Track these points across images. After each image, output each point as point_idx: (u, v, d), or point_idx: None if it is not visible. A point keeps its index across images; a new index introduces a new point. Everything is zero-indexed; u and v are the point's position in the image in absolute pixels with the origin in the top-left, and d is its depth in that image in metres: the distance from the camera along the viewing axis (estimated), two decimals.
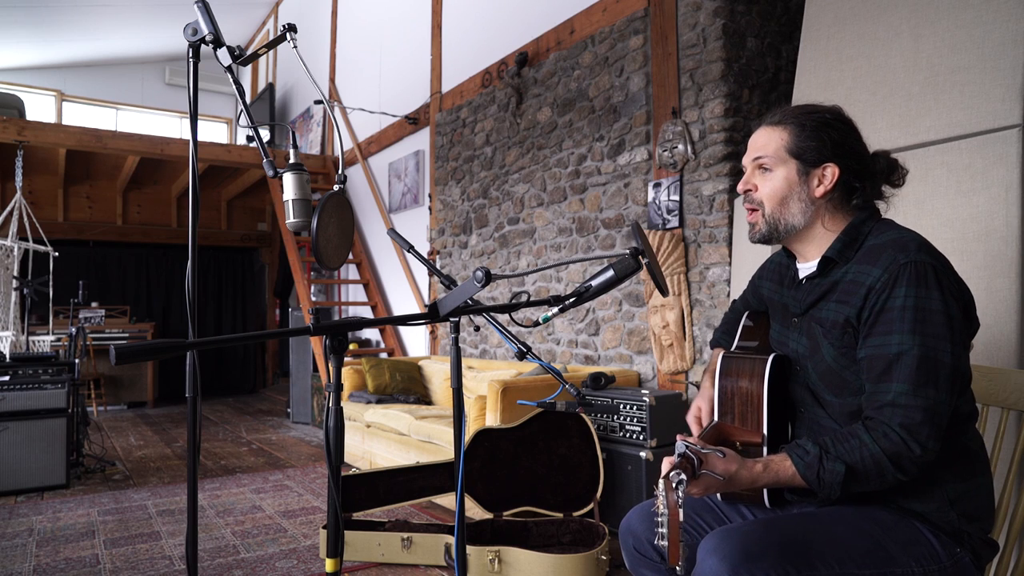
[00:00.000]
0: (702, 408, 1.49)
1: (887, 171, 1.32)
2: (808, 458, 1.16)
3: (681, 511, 0.99)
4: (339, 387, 1.20)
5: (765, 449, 1.30)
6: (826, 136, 1.28)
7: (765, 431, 1.30)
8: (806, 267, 1.37)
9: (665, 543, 0.99)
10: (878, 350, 1.18)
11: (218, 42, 1.51)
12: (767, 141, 1.33)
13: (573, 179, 4.04)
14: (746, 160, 1.38)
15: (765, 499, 1.31)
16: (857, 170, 1.30)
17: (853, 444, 1.15)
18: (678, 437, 1.18)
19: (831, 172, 1.29)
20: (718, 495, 1.40)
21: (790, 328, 1.39)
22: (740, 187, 1.38)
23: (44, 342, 6.03)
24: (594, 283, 1.27)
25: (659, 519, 1.00)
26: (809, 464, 1.16)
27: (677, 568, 1.00)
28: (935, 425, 1.14)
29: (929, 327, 1.15)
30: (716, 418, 1.38)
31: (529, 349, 1.34)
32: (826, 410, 1.32)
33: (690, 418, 1.51)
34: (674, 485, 1.00)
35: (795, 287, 1.40)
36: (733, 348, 1.53)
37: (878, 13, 2.44)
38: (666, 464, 1.11)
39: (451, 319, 1.33)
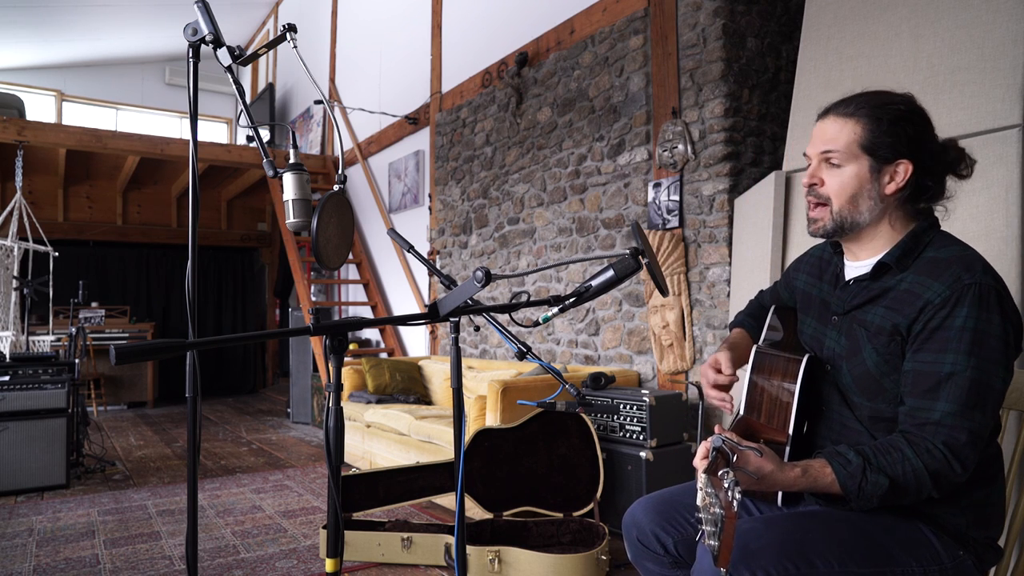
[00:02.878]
0: (720, 360, 1.44)
1: (956, 162, 1.26)
2: (851, 468, 1.13)
3: (736, 511, 0.92)
4: (339, 387, 1.20)
5: (788, 449, 1.29)
6: (902, 131, 1.22)
7: (791, 431, 1.29)
8: (856, 267, 1.33)
9: (715, 543, 0.91)
10: (928, 367, 1.16)
11: (218, 42, 1.51)
12: (837, 134, 1.26)
13: (573, 179, 4.04)
14: (811, 151, 1.30)
15: (779, 499, 1.30)
16: (930, 167, 1.24)
17: (896, 457, 1.13)
18: (716, 428, 1.16)
19: (904, 169, 1.23)
20: None
21: (828, 326, 1.36)
22: (806, 180, 1.31)
23: (44, 342, 6.03)
24: (594, 283, 1.27)
25: (704, 516, 0.93)
26: (851, 474, 1.13)
27: (722, 572, 0.93)
28: (976, 448, 1.13)
29: (986, 351, 1.13)
30: (743, 411, 1.37)
31: (529, 349, 1.34)
32: (853, 412, 1.30)
33: (705, 367, 1.46)
34: (726, 485, 0.93)
35: (840, 286, 1.36)
36: (761, 341, 1.52)
37: (878, 13, 2.44)
38: (701, 454, 1.09)
39: (451, 319, 1.33)
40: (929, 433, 1.14)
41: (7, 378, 3.91)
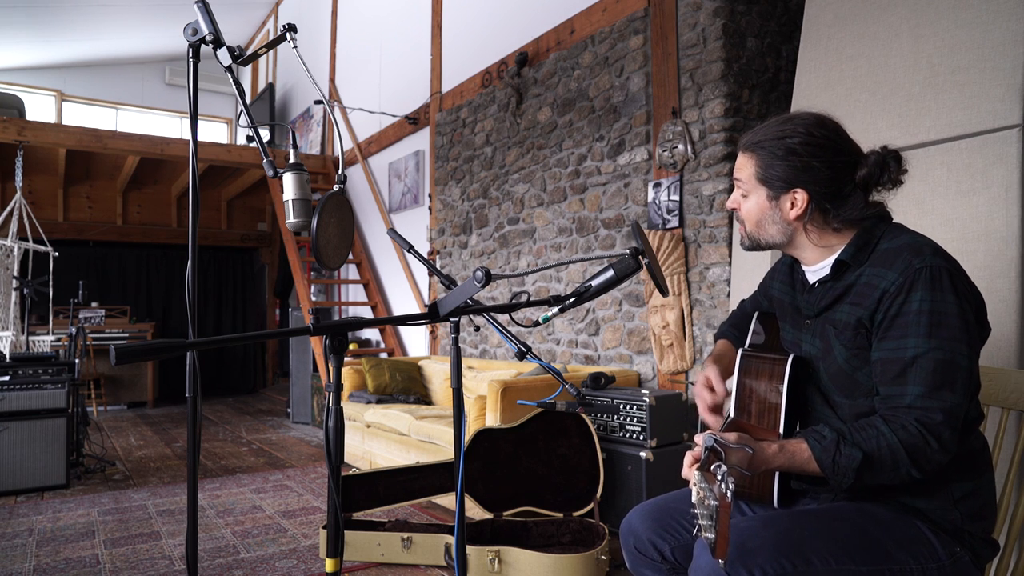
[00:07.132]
0: (711, 377, 1.46)
1: (876, 175, 1.28)
2: (825, 442, 1.16)
3: (730, 502, 0.96)
4: (339, 387, 1.20)
5: None
6: (790, 164, 1.28)
7: (781, 431, 1.30)
8: (814, 271, 1.37)
9: (712, 535, 0.95)
10: (893, 353, 1.18)
11: (218, 42, 1.51)
12: (742, 166, 1.36)
13: (573, 179, 4.04)
14: (734, 178, 1.41)
15: (775, 499, 1.29)
16: (826, 193, 1.29)
17: (871, 433, 1.15)
18: (707, 432, 1.16)
19: (801, 197, 1.29)
20: None
21: (803, 330, 1.39)
22: (727, 205, 1.42)
23: (44, 342, 6.03)
24: (594, 283, 1.27)
25: (699, 511, 0.97)
26: (826, 448, 1.15)
27: (721, 563, 0.97)
28: (953, 428, 1.14)
29: (945, 331, 1.15)
30: (732, 414, 1.38)
31: (529, 349, 1.34)
32: (835, 411, 1.32)
33: (699, 387, 1.47)
34: (719, 477, 0.97)
35: (807, 291, 1.39)
36: (746, 346, 1.53)
37: (878, 13, 2.44)
38: (688, 463, 1.11)
39: (451, 319, 1.33)
40: (903, 414, 1.16)
41: (7, 378, 3.91)
